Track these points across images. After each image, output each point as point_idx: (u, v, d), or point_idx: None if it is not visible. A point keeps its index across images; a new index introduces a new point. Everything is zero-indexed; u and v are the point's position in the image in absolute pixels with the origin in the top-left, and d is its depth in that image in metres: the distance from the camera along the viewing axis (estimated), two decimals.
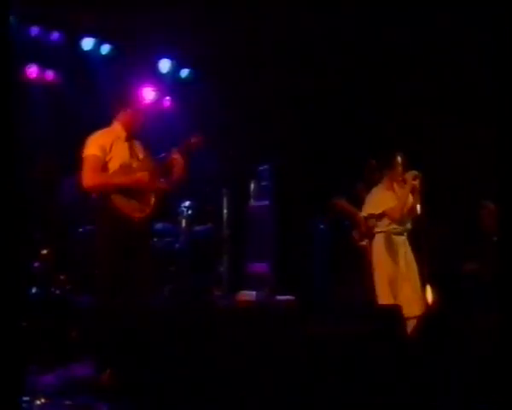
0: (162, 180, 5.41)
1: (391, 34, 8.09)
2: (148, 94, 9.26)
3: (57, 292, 6.21)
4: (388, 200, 6.60)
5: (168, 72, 9.40)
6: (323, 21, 8.04)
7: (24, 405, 4.21)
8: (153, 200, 5.20)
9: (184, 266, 7.51)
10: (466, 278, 7.35)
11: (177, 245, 7.57)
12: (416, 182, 6.51)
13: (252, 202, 8.24)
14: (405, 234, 6.61)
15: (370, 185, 6.92)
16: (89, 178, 5.03)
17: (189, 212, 7.71)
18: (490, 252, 6.92)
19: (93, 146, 5.12)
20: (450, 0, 7.36)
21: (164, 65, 9.34)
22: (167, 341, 4.63)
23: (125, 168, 5.16)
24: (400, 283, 6.43)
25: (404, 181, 6.57)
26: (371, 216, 6.64)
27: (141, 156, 5.36)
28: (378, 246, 6.57)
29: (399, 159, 6.61)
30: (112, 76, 8.57)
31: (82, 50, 8.63)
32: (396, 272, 6.45)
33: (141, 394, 4.27)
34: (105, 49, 8.76)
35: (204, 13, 7.75)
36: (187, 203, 7.73)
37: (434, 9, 7.48)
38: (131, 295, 4.99)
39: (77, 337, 5.51)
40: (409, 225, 6.63)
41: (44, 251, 6.49)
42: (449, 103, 8.53)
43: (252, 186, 8.27)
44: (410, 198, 6.58)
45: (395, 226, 6.57)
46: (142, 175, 5.16)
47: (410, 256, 6.56)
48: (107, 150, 5.09)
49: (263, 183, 8.21)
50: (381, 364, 4.61)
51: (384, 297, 6.37)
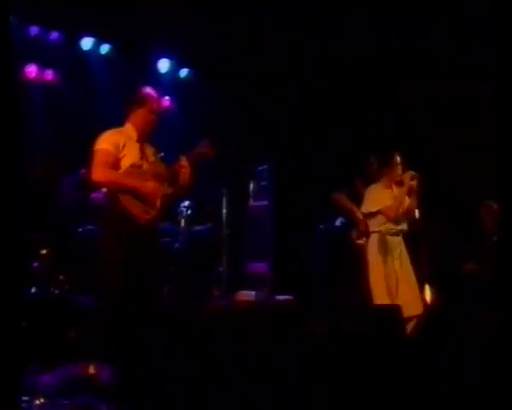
0: (168, 186, 5.38)
1: (391, 34, 8.10)
2: None
3: (56, 292, 6.21)
4: (385, 198, 6.61)
5: (167, 71, 9.40)
6: (324, 20, 8.04)
7: (23, 405, 4.20)
8: (158, 203, 5.17)
9: (184, 266, 7.50)
10: (466, 278, 7.35)
11: (177, 245, 7.57)
12: (414, 182, 6.52)
13: (251, 202, 8.24)
14: (401, 235, 6.61)
15: (369, 183, 6.92)
16: (99, 172, 4.94)
17: (189, 212, 7.71)
18: (490, 252, 6.92)
19: (106, 142, 5.05)
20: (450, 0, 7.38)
21: (163, 65, 9.34)
22: (167, 341, 4.63)
23: (136, 169, 5.13)
24: (396, 284, 6.42)
25: (402, 181, 6.58)
26: (369, 214, 6.66)
27: (151, 159, 5.32)
28: (372, 246, 6.58)
29: (398, 159, 6.62)
30: (111, 76, 8.59)
31: (81, 50, 8.63)
32: (391, 273, 6.44)
33: (141, 394, 4.27)
34: (104, 48, 8.77)
35: (203, 12, 7.75)
36: (186, 203, 7.73)
37: (435, 9, 7.49)
38: (140, 299, 4.95)
39: (76, 337, 5.51)
40: (405, 226, 6.63)
41: (44, 251, 6.49)
42: (449, 103, 8.53)
43: (251, 186, 8.27)
44: (407, 199, 6.59)
45: (391, 227, 6.57)
46: (153, 186, 5.14)
47: (405, 257, 6.55)
48: (119, 148, 5.04)
49: (262, 183, 8.21)
50: (381, 364, 4.61)
51: (380, 297, 6.37)
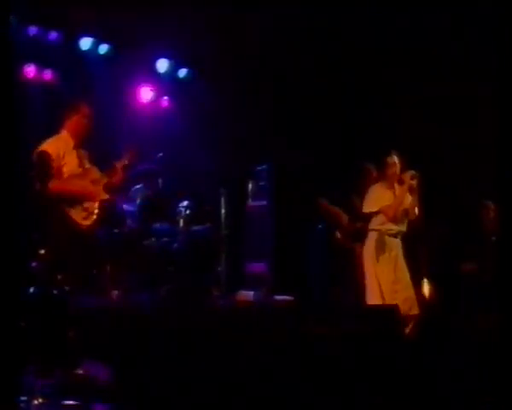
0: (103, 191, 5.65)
1: (390, 34, 8.11)
2: (146, 94, 9.27)
3: (55, 292, 6.20)
4: (386, 198, 6.62)
5: (166, 71, 9.40)
6: (323, 21, 8.05)
7: (22, 405, 4.20)
8: (96, 208, 5.33)
9: (182, 266, 7.50)
10: (465, 278, 7.36)
11: (176, 245, 7.57)
12: (414, 182, 6.52)
13: (250, 202, 8.23)
14: (399, 237, 6.61)
15: (364, 189, 6.96)
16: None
17: (187, 212, 7.70)
18: (490, 252, 6.93)
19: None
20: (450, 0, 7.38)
21: (162, 65, 9.33)
22: (166, 341, 4.63)
23: (75, 176, 5.30)
24: (391, 285, 6.42)
25: (402, 181, 6.59)
26: (370, 214, 6.67)
27: (87, 166, 5.59)
28: (369, 244, 6.58)
29: (394, 157, 6.63)
30: (110, 76, 8.58)
31: (80, 50, 8.62)
32: (385, 273, 6.44)
33: (141, 394, 4.27)
34: (103, 48, 8.75)
35: (202, 12, 7.75)
36: (185, 203, 7.73)
37: (435, 9, 7.50)
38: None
39: (75, 337, 5.50)
40: (404, 228, 6.63)
41: (42, 251, 6.48)
42: (449, 103, 8.54)
43: (250, 186, 8.26)
44: (408, 198, 6.59)
45: (390, 227, 6.57)
46: (93, 192, 5.36)
47: (402, 260, 6.55)
48: (60, 156, 5.25)
49: (261, 183, 8.20)
50: (381, 364, 4.61)
51: (373, 297, 6.37)
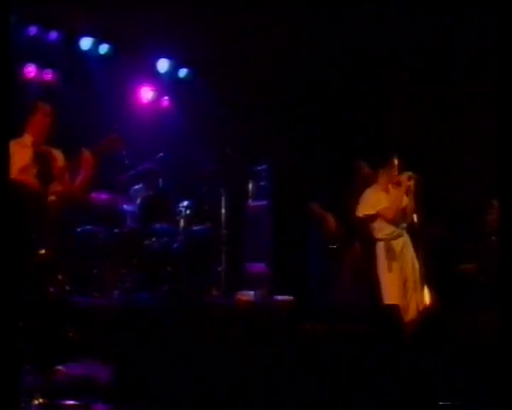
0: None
1: (389, 35, 8.11)
2: (147, 93, 9.27)
3: (55, 292, 6.20)
4: (383, 200, 6.64)
5: (166, 71, 9.40)
6: (321, 22, 8.04)
7: (22, 405, 4.20)
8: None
9: (182, 266, 7.49)
10: (465, 278, 7.36)
11: (175, 245, 7.56)
12: (411, 183, 6.54)
13: (250, 202, 8.24)
14: (404, 233, 6.63)
15: (356, 187, 6.99)
16: None
17: (187, 212, 7.70)
18: (490, 252, 6.94)
19: None
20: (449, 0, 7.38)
21: (162, 64, 9.33)
22: (166, 341, 4.63)
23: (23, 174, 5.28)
24: (406, 280, 6.47)
25: (399, 182, 6.60)
26: (366, 217, 6.68)
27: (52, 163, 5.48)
28: (380, 254, 6.63)
29: (395, 161, 6.64)
30: (110, 76, 8.58)
31: (80, 50, 8.61)
32: (402, 274, 6.49)
33: (141, 394, 4.27)
34: (103, 48, 8.74)
35: (203, 12, 7.74)
36: (185, 203, 7.73)
37: (434, 9, 7.49)
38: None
39: (75, 337, 5.51)
40: (404, 225, 6.65)
41: (42, 251, 6.48)
42: (448, 103, 8.54)
43: (250, 186, 8.27)
44: (405, 199, 6.60)
45: (392, 230, 6.60)
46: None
47: (412, 255, 6.60)
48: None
49: (261, 183, 8.21)
50: (381, 363, 4.61)
51: (393, 299, 6.39)
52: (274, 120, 9.16)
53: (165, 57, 9.30)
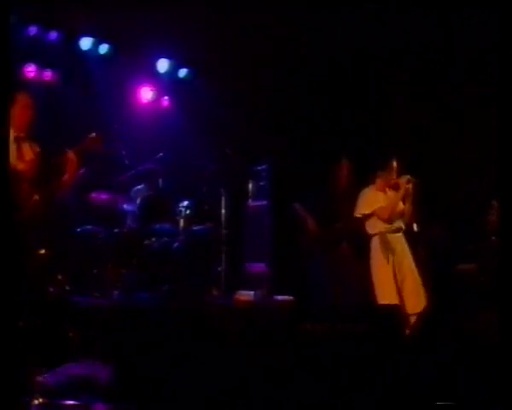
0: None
1: (389, 35, 8.11)
2: (147, 93, 9.27)
3: (55, 292, 6.20)
4: (379, 200, 6.64)
5: (166, 71, 9.39)
6: (321, 22, 8.04)
7: (22, 405, 4.20)
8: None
9: (182, 266, 7.49)
10: (465, 278, 7.36)
11: (175, 245, 7.56)
12: (410, 186, 6.54)
13: (250, 202, 8.24)
14: (401, 231, 6.64)
15: (342, 186, 7.05)
16: None
17: (187, 212, 7.71)
18: (489, 252, 6.94)
19: None
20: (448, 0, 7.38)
21: (162, 64, 9.33)
22: (166, 341, 4.63)
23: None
24: (401, 279, 6.45)
25: (397, 185, 6.61)
26: (363, 216, 6.69)
27: (28, 157, 5.47)
28: (375, 248, 6.61)
29: (394, 163, 6.65)
30: (110, 76, 8.58)
31: (80, 50, 8.60)
32: (396, 271, 6.47)
33: (141, 394, 4.27)
34: (103, 48, 8.74)
35: (203, 12, 7.74)
36: (185, 203, 7.73)
37: (434, 9, 7.50)
38: None
39: (75, 337, 5.51)
40: (401, 224, 6.66)
41: (42, 251, 6.48)
42: (448, 103, 8.54)
43: (250, 186, 8.27)
44: (401, 203, 6.62)
45: (387, 226, 6.60)
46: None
47: (408, 253, 6.60)
48: None
49: (261, 183, 8.21)
50: (381, 363, 4.61)
51: (387, 297, 6.39)
52: (274, 120, 9.16)
53: (165, 57, 9.30)
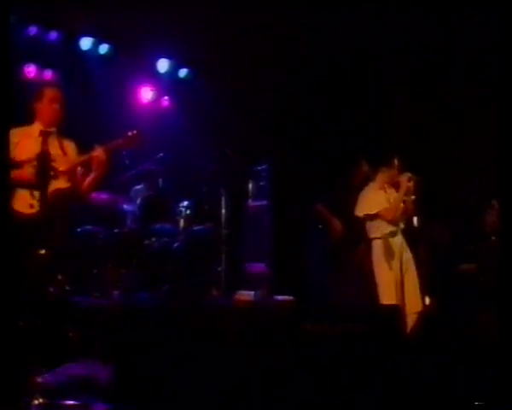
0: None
1: (389, 35, 8.11)
2: (147, 94, 9.28)
3: (55, 292, 6.20)
4: (382, 200, 6.64)
5: (166, 71, 9.40)
6: (321, 22, 8.04)
7: (22, 405, 4.20)
8: (38, 197, 5.00)
9: (182, 266, 7.50)
10: (465, 278, 7.37)
11: (175, 245, 7.57)
12: (411, 184, 6.54)
13: (250, 202, 8.24)
14: (400, 233, 6.64)
15: (358, 187, 7.05)
16: None
17: (187, 212, 7.71)
18: (489, 252, 6.95)
19: None
20: (448, 1, 7.38)
21: (162, 64, 9.33)
22: (166, 341, 4.63)
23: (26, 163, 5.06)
24: (402, 281, 6.46)
25: (398, 183, 6.61)
26: (366, 216, 6.69)
27: (57, 153, 5.24)
28: (377, 252, 6.62)
29: (395, 161, 6.65)
30: (110, 76, 8.58)
31: (80, 50, 8.61)
32: (397, 273, 6.48)
33: (141, 394, 4.27)
34: (103, 48, 8.75)
35: (203, 12, 7.75)
36: (185, 203, 7.74)
37: (434, 9, 7.50)
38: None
39: (75, 337, 5.51)
40: (402, 225, 6.66)
41: (42, 251, 6.48)
42: (448, 103, 8.55)
43: (250, 186, 8.27)
44: (403, 200, 6.62)
45: (390, 229, 6.61)
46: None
47: (408, 254, 6.60)
48: (14, 145, 4.93)
49: (261, 183, 8.21)
50: (381, 363, 4.61)
51: (389, 298, 6.40)
52: (274, 120, 9.17)
53: (165, 57, 9.30)
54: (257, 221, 8.05)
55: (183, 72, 9.60)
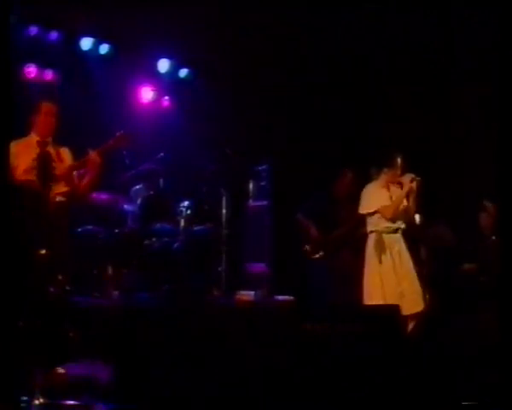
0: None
1: (389, 35, 8.11)
2: (147, 93, 9.27)
3: (55, 292, 6.20)
4: (382, 198, 6.64)
5: (167, 71, 9.39)
6: (321, 22, 8.04)
7: (23, 405, 4.20)
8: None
9: (182, 266, 7.49)
10: (465, 278, 7.37)
11: (176, 245, 7.56)
12: (413, 184, 6.54)
13: (250, 202, 8.25)
14: (399, 232, 6.63)
15: (341, 196, 7.21)
16: None
17: (188, 212, 7.70)
18: (489, 252, 6.95)
19: None
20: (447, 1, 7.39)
21: (163, 64, 9.33)
22: (166, 341, 4.63)
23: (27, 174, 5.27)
24: (397, 280, 6.45)
25: (401, 183, 6.61)
26: (368, 214, 6.69)
27: (53, 159, 5.43)
28: (369, 245, 6.62)
29: (399, 160, 6.64)
30: (110, 76, 8.58)
31: (81, 50, 8.61)
32: (389, 271, 6.47)
33: (141, 394, 4.27)
34: (104, 48, 8.74)
35: (203, 12, 7.75)
36: (185, 203, 7.73)
37: (434, 9, 7.50)
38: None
39: (75, 337, 5.51)
40: (402, 225, 6.66)
41: (42, 251, 6.48)
42: (448, 103, 8.55)
43: (250, 186, 8.28)
44: (405, 201, 6.62)
45: (388, 225, 6.60)
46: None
47: (405, 254, 6.59)
48: (14, 156, 5.17)
49: (261, 183, 8.22)
50: (381, 364, 4.61)
51: (372, 297, 6.40)
52: (274, 120, 9.16)
53: (165, 57, 9.30)
54: (257, 221, 8.05)
55: (184, 72, 9.59)
